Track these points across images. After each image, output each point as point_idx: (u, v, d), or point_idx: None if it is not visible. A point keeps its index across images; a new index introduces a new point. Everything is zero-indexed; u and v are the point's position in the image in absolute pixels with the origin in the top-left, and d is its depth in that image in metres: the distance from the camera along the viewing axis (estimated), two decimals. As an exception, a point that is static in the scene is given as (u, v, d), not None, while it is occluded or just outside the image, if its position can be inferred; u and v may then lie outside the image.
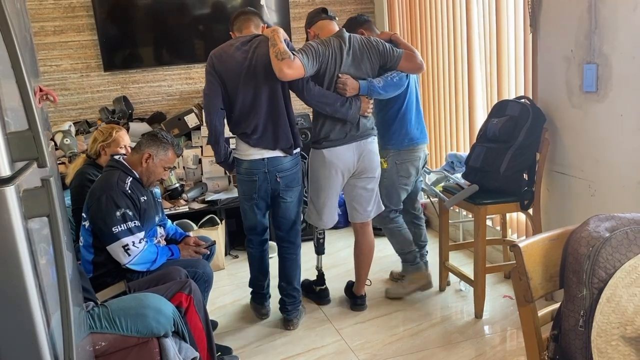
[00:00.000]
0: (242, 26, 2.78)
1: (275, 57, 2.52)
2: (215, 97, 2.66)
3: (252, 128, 2.67)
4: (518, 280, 1.22)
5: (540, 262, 1.24)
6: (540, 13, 2.72)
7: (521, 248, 1.20)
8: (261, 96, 2.65)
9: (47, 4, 3.92)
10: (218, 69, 2.65)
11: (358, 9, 4.64)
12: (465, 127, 3.64)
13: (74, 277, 1.60)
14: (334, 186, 2.84)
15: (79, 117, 4.12)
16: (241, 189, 2.84)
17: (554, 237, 1.28)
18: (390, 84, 2.78)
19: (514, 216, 3.24)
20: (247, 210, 2.86)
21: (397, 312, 2.99)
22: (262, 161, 2.71)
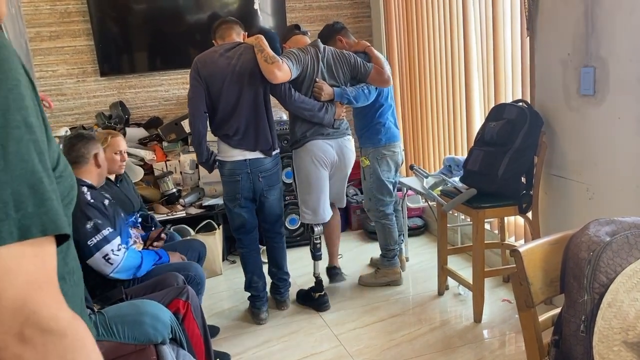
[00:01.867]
0: (224, 34, 2.94)
1: (265, 61, 2.71)
2: (199, 101, 2.79)
3: (234, 130, 2.82)
4: (518, 285, 1.21)
5: (541, 267, 1.23)
6: (537, 17, 2.72)
7: (521, 253, 1.19)
8: (243, 100, 2.80)
9: (43, 9, 3.91)
10: (202, 74, 2.78)
11: (355, 12, 4.65)
12: (462, 130, 3.64)
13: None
14: (322, 179, 3.04)
15: (76, 122, 4.10)
16: (225, 190, 2.97)
17: (554, 242, 1.27)
18: (360, 95, 3.03)
19: (512, 220, 3.24)
20: (232, 211, 2.99)
21: (395, 317, 2.98)
22: (245, 162, 2.86)
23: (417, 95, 4.15)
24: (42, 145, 0.63)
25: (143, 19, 4.14)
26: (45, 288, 0.59)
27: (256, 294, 3.06)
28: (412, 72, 4.18)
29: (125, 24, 4.11)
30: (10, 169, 0.59)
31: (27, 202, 0.59)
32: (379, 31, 4.55)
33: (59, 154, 0.72)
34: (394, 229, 3.35)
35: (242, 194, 2.90)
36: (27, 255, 0.59)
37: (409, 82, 4.24)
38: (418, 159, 4.29)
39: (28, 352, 0.57)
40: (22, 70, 0.64)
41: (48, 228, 0.60)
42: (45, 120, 0.67)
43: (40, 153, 0.62)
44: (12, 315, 0.56)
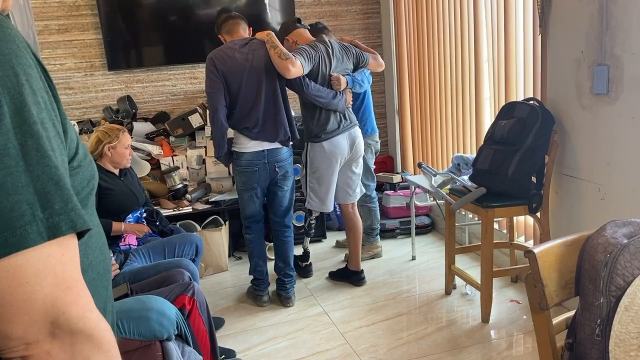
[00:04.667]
0: (232, 30, 3.02)
1: (279, 57, 2.82)
2: (220, 95, 2.85)
3: (254, 123, 2.90)
4: (533, 287, 1.18)
5: (555, 268, 1.20)
6: (550, 14, 2.69)
7: (536, 254, 1.16)
8: (262, 94, 2.89)
9: (51, 3, 3.89)
10: (220, 68, 2.85)
11: (364, 9, 4.61)
12: (472, 128, 3.60)
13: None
14: (334, 174, 3.18)
15: (83, 116, 4.09)
16: (241, 180, 3.03)
17: (569, 243, 1.24)
18: (364, 79, 3.34)
19: (522, 219, 3.21)
20: (247, 200, 3.06)
21: (402, 316, 2.96)
22: (262, 152, 2.95)
23: (426, 92, 4.12)
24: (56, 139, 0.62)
25: (151, 13, 4.12)
26: (74, 287, 0.60)
27: (260, 277, 3.18)
28: (421, 69, 4.14)
29: (133, 18, 4.10)
30: (31, 169, 0.57)
31: (53, 200, 0.58)
32: (388, 27, 4.51)
33: (78, 141, 0.71)
34: (377, 210, 3.72)
35: (259, 184, 3.00)
36: (55, 255, 0.58)
37: (418, 79, 4.21)
38: (426, 156, 4.26)
39: (56, 348, 0.58)
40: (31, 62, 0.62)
41: (77, 224, 0.60)
42: (61, 109, 0.66)
43: (57, 148, 0.61)
44: (43, 315, 0.57)
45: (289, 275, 3.19)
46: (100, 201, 2.84)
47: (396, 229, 4.13)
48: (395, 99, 4.59)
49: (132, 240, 2.89)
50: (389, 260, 3.74)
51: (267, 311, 3.12)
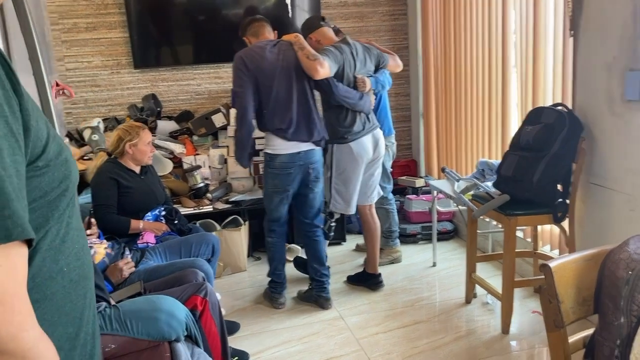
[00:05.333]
0: (258, 31, 3.01)
1: (307, 59, 2.80)
2: (249, 94, 2.82)
3: (288, 123, 2.86)
4: (548, 303, 1.12)
5: (573, 284, 1.14)
6: (581, 17, 2.59)
7: (552, 268, 1.10)
8: (294, 94, 2.87)
9: (80, 1, 3.95)
10: (251, 68, 2.81)
11: (391, 10, 4.55)
12: (497, 133, 3.51)
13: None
14: (360, 175, 3.16)
15: (109, 113, 4.14)
16: (272, 183, 2.96)
17: (589, 257, 1.17)
18: (384, 81, 3.34)
19: (547, 228, 3.11)
20: (277, 203, 3.01)
21: (419, 324, 2.89)
22: (298, 154, 2.91)
23: (451, 96, 4.04)
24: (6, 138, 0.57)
25: (178, 13, 4.14)
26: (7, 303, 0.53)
27: (279, 280, 3.17)
28: (447, 71, 4.07)
29: (160, 17, 4.12)
30: None
31: None
32: (415, 29, 4.44)
33: (48, 140, 0.66)
34: (395, 213, 3.67)
35: (292, 187, 2.96)
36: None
37: (444, 82, 4.13)
38: (451, 161, 4.18)
39: None
40: None
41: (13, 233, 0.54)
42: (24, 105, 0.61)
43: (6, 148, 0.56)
44: None
45: (326, 275, 3.15)
46: (120, 199, 2.86)
47: (418, 234, 4.06)
48: (420, 102, 4.52)
49: (150, 239, 2.89)
50: (409, 266, 3.67)
51: (282, 313, 3.10)
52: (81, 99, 4.09)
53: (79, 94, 4.08)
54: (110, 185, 2.84)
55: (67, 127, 4.02)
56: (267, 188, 3.04)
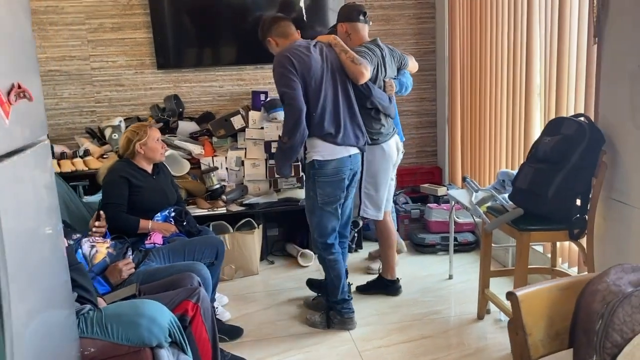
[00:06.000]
0: (287, 32, 2.81)
1: (352, 62, 2.73)
2: (301, 97, 2.63)
3: (336, 127, 2.72)
4: (514, 334, 1.03)
5: (545, 315, 1.05)
6: (606, 23, 2.44)
7: (519, 297, 1.01)
8: (339, 96, 2.75)
9: (106, 1, 4.01)
10: (299, 69, 2.63)
11: (418, 13, 4.45)
12: (520, 143, 3.37)
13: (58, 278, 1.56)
14: (389, 178, 3.14)
15: (131, 113, 4.18)
16: (323, 193, 2.74)
17: (565, 286, 1.08)
18: (407, 83, 3.26)
19: (566, 244, 2.95)
20: (330, 214, 2.79)
21: (426, 339, 2.79)
22: (349, 158, 2.77)
23: (476, 102, 3.91)
24: None
25: (201, 14, 4.15)
26: None
27: (349, 297, 2.94)
28: (473, 77, 3.94)
29: (184, 18, 4.15)
30: None
31: None
32: (443, 33, 4.32)
33: None
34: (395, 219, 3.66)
35: (343, 194, 2.80)
36: None
37: (470, 87, 4.01)
38: (474, 169, 4.05)
39: None
40: None
41: None
42: None
43: None
44: None
45: (349, 285, 3.01)
46: (130, 198, 2.88)
47: (437, 244, 3.94)
48: (446, 108, 4.40)
49: (157, 239, 2.90)
50: (424, 278, 3.56)
51: (287, 321, 3.05)
52: (105, 98, 4.16)
53: (103, 93, 4.15)
54: (121, 184, 2.87)
55: (90, 125, 4.09)
56: (315, 201, 2.76)
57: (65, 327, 1.57)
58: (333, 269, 2.87)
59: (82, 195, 3.49)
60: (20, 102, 1.22)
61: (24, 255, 1.32)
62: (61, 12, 3.98)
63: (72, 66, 4.07)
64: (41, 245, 1.46)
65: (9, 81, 1.19)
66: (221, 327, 2.80)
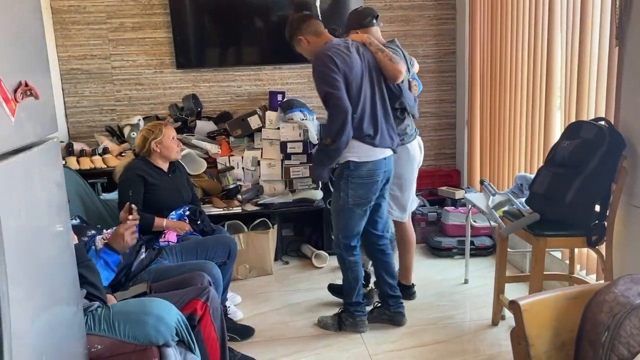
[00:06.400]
0: (319, 30, 2.73)
1: (390, 61, 2.69)
2: (346, 97, 2.55)
3: (374, 129, 2.67)
4: (516, 344, 1.00)
5: (549, 325, 1.01)
6: (628, 24, 2.37)
7: (521, 306, 0.98)
8: (376, 97, 2.70)
9: (127, 1, 4.05)
10: (342, 68, 2.55)
11: (438, 14, 4.40)
12: (540, 146, 3.31)
13: (66, 275, 1.57)
14: (414, 179, 3.11)
15: (150, 112, 4.22)
16: (355, 194, 2.70)
17: (573, 296, 1.04)
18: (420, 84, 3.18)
19: (585, 251, 2.88)
20: (359, 216, 2.76)
21: (439, 344, 2.75)
22: (384, 161, 2.72)
23: (496, 104, 3.85)
24: None
25: (220, 14, 4.16)
26: None
27: (363, 301, 2.91)
28: (493, 79, 3.88)
29: (203, 18, 4.17)
30: None
31: None
32: (463, 34, 4.27)
33: None
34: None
35: (375, 196, 2.75)
36: None
37: (490, 90, 3.95)
38: (493, 173, 3.99)
39: None
40: None
41: None
42: None
43: None
44: None
45: (397, 288, 2.98)
46: (146, 196, 2.90)
47: (453, 248, 3.89)
48: (465, 110, 4.34)
49: (172, 237, 2.91)
50: (439, 282, 3.51)
51: (300, 321, 3.03)
52: (125, 97, 4.20)
53: (123, 91, 4.20)
54: (137, 181, 2.89)
55: (110, 123, 4.14)
56: (345, 202, 2.71)
57: (73, 323, 1.59)
58: (352, 271, 2.84)
59: (100, 192, 3.53)
60: (27, 100, 1.23)
61: (31, 252, 1.33)
62: (83, 12, 4.04)
63: (93, 65, 4.13)
64: (50, 242, 1.48)
65: (16, 79, 1.20)
66: (233, 327, 2.81)
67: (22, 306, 1.28)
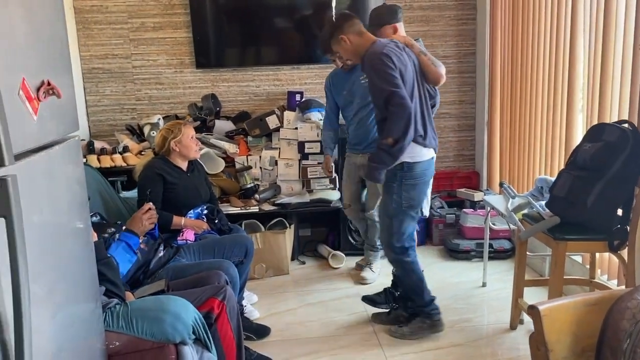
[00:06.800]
0: (362, 29, 2.67)
1: (433, 65, 2.69)
2: (407, 95, 2.49)
3: (424, 129, 2.65)
4: (536, 350, 0.99)
5: (569, 331, 1.00)
6: (654, 25, 2.34)
7: (541, 311, 0.97)
8: (422, 97, 2.67)
9: (148, 1, 4.09)
10: (398, 66, 2.50)
11: (459, 14, 4.36)
12: (561, 149, 3.26)
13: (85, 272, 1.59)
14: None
15: (170, 111, 4.26)
16: (409, 195, 2.66)
17: (594, 302, 1.02)
18: None
19: (606, 256, 2.84)
20: (412, 218, 2.73)
21: (456, 347, 2.73)
22: (431, 160, 2.74)
23: (516, 106, 3.81)
24: None
25: (240, 15, 4.18)
26: None
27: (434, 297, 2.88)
28: (513, 80, 3.84)
29: (222, 19, 4.19)
30: None
31: None
32: (484, 35, 4.23)
33: None
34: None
35: (425, 197, 2.78)
36: None
37: (510, 91, 3.90)
38: (512, 175, 3.94)
39: None
40: None
41: None
42: None
43: None
44: None
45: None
46: (164, 195, 2.92)
47: (471, 250, 3.86)
48: (485, 111, 4.30)
49: (189, 236, 2.94)
50: (457, 284, 3.49)
51: (316, 322, 3.03)
52: (145, 96, 4.25)
53: (143, 90, 4.24)
54: (156, 180, 2.91)
55: (130, 122, 4.18)
56: (399, 205, 2.66)
57: (91, 320, 1.60)
58: (413, 272, 2.80)
59: (119, 190, 3.57)
60: (49, 99, 1.24)
61: (52, 248, 1.35)
62: (105, 12, 4.08)
63: (114, 64, 4.17)
64: (70, 239, 1.49)
65: (39, 78, 1.22)
66: (249, 326, 2.82)
67: (42, 301, 1.30)
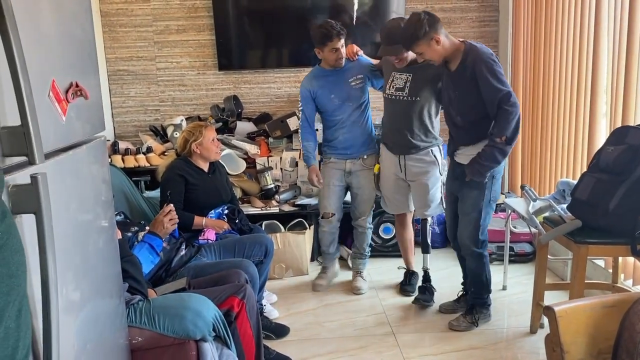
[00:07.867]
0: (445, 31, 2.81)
1: None
2: None
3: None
4: (551, 351, 0.99)
5: (586, 332, 1.00)
6: (679, 27, 2.30)
7: (557, 312, 0.97)
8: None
9: (173, 4, 4.16)
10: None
11: (481, 16, 4.35)
12: (583, 152, 3.23)
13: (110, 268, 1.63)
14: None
15: (193, 112, 4.32)
16: (495, 190, 2.81)
17: (611, 304, 1.03)
18: None
19: (630, 260, 2.80)
20: (492, 211, 2.87)
21: (475, 350, 2.72)
22: None
23: (539, 108, 3.78)
24: None
25: (261, 18, 4.23)
26: None
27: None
28: (536, 83, 3.81)
29: (244, 21, 4.24)
30: None
31: None
32: (506, 37, 4.21)
33: None
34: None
35: None
36: None
37: (532, 93, 3.87)
38: (534, 178, 3.91)
39: None
40: None
41: None
42: None
43: None
44: None
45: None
46: (186, 195, 2.97)
47: (492, 253, 3.82)
48: (507, 114, 4.26)
49: (210, 236, 2.98)
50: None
51: (335, 322, 3.05)
52: (169, 97, 4.32)
53: (167, 92, 4.31)
54: (178, 181, 2.96)
55: (154, 123, 4.26)
56: (488, 199, 2.78)
57: (115, 315, 1.64)
58: (487, 264, 2.94)
59: (143, 190, 3.64)
60: (77, 100, 1.29)
61: (79, 245, 1.39)
62: (130, 15, 4.17)
63: (138, 66, 4.25)
64: (96, 236, 1.54)
65: (68, 80, 1.26)
66: (268, 325, 2.85)
67: (69, 295, 1.34)
